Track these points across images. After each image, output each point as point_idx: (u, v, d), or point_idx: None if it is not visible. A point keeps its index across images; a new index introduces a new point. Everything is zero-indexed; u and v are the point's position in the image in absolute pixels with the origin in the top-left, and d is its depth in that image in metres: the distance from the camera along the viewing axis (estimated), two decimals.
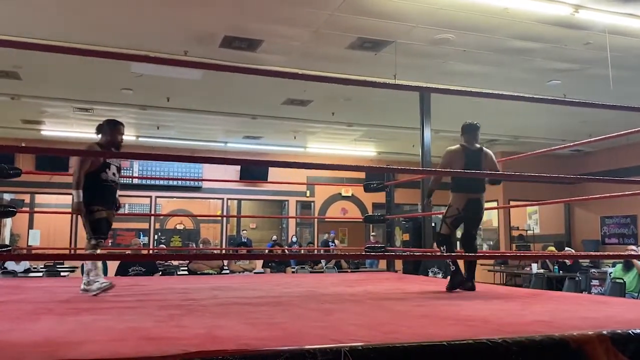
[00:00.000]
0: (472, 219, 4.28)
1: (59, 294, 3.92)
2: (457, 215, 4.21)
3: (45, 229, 12.65)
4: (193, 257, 8.12)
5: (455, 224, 4.28)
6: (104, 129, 4.04)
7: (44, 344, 1.95)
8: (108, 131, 4.02)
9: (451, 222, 4.25)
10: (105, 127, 4.04)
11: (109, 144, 3.98)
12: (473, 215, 4.23)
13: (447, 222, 4.25)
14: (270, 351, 1.74)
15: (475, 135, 4.35)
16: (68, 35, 6.28)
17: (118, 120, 4.15)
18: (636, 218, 11.99)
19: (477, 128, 4.40)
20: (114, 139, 4.00)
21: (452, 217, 4.23)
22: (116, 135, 4.01)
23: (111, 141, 3.99)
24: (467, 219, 4.27)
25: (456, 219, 4.24)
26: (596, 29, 6.20)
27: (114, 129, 4.02)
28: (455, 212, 4.21)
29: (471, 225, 4.34)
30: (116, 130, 4.02)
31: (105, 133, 4.02)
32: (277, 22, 6.15)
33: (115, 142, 4.00)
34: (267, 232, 15.37)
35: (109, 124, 4.06)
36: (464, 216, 4.20)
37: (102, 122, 4.11)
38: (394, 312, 2.97)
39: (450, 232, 4.29)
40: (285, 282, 5.16)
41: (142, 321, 2.55)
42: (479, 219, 4.33)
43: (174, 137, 11.99)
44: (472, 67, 7.51)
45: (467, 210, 4.18)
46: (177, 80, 8.05)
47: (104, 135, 4.03)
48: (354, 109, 9.77)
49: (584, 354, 2.04)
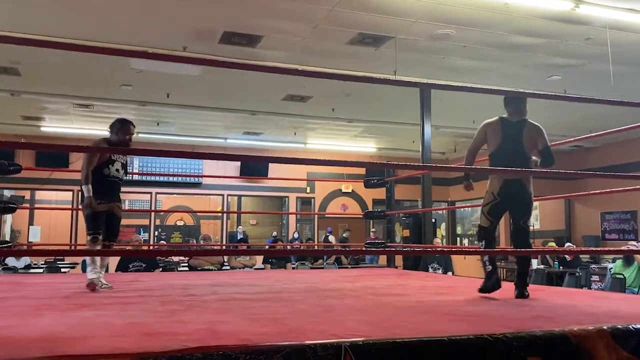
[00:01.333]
0: (515, 207, 3.53)
1: (60, 290, 3.93)
2: (494, 202, 3.52)
3: (46, 225, 12.66)
4: (193, 253, 8.13)
5: (495, 214, 3.56)
6: (114, 127, 4.14)
7: (47, 339, 1.95)
8: (117, 129, 4.11)
9: (488, 211, 3.56)
10: (116, 124, 4.14)
11: (118, 142, 4.08)
12: (514, 200, 3.50)
13: (484, 211, 3.59)
14: (271, 346, 1.75)
15: (519, 106, 3.62)
16: (67, 32, 6.27)
17: (128, 120, 4.25)
18: (636, 213, 11.98)
19: (522, 99, 3.69)
20: (121, 138, 4.08)
21: (488, 204, 3.56)
22: (124, 134, 4.10)
23: (119, 139, 4.08)
24: (509, 207, 3.54)
25: (493, 206, 3.53)
26: (597, 24, 6.19)
27: (121, 127, 4.11)
28: (491, 198, 3.54)
29: (517, 215, 3.55)
30: (124, 129, 4.11)
31: (115, 131, 4.12)
32: (277, 18, 6.14)
33: (123, 141, 4.09)
34: (268, 228, 15.38)
35: (119, 122, 4.17)
36: (502, 203, 3.50)
37: (115, 120, 4.22)
38: (395, 307, 2.98)
39: (490, 224, 3.57)
40: (286, 278, 5.17)
41: (143, 317, 2.56)
42: (525, 206, 3.53)
43: (174, 133, 11.98)
44: (473, 62, 7.50)
45: (504, 195, 3.48)
46: (177, 76, 8.04)
47: (113, 133, 4.13)
48: (354, 105, 9.76)
49: (585, 349, 2.04)
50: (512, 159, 3.42)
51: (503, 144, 3.51)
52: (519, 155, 3.48)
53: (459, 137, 12.55)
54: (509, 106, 3.65)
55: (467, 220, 15.51)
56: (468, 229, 15.43)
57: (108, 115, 10.43)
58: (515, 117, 3.59)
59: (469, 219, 15.41)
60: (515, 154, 3.48)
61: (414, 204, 14.09)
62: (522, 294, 3.36)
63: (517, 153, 3.48)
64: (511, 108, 3.63)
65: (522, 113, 3.60)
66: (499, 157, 3.50)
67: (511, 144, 3.50)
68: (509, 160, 3.40)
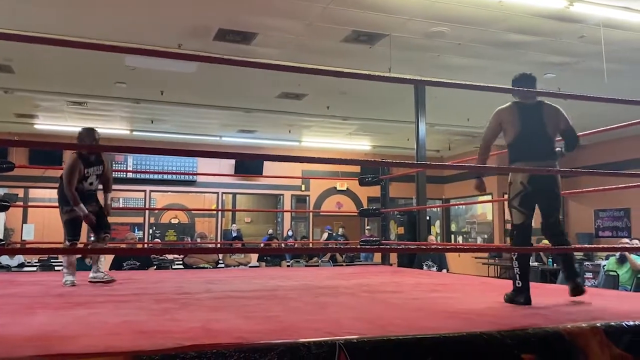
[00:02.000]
0: (544, 197, 3.15)
1: (53, 288, 3.91)
2: (524, 192, 3.10)
3: (40, 224, 12.59)
4: (188, 251, 8.11)
5: (527, 205, 3.12)
6: (81, 139, 4.27)
7: (40, 338, 1.95)
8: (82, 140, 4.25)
9: (520, 204, 3.12)
10: (82, 137, 4.26)
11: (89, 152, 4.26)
12: (544, 190, 3.11)
13: (513, 205, 3.15)
14: (265, 344, 1.75)
15: (532, 88, 3.32)
16: (61, 28, 6.23)
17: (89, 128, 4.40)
18: (629, 211, 12.04)
19: (533, 79, 3.34)
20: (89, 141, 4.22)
21: (517, 196, 3.13)
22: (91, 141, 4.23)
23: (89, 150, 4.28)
24: (539, 198, 3.15)
25: (524, 197, 3.11)
26: (591, 22, 6.20)
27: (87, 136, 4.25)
28: (520, 188, 3.11)
29: (547, 207, 3.19)
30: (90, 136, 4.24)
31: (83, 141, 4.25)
32: (272, 15, 6.13)
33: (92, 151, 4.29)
34: (262, 226, 15.36)
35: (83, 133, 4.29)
36: (531, 193, 3.10)
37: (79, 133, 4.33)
38: (389, 305, 2.98)
39: (524, 218, 3.12)
40: (281, 276, 5.17)
41: (137, 315, 2.55)
42: (556, 198, 3.18)
43: (169, 131, 11.95)
44: (467, 60, 7.51)
45: (534, 185, 3.08)
46: (171, 73, 8.01)
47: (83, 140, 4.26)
48: (349, 103, 9.76)
49: (578, 346, 2.05)
50: (537, 145, 3.10)
51: (523, 130, 3.13)
52: (543, 141, 3.13)
53: (454, 135, 12.57)
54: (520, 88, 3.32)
55: (462, 217, 15.56)
56: (462, 226, 15.47)
57: (102, 112, 10.41)
58: (529, 100, 3.26)
59: (463, 216, 15.46)
60: (540, 140, 3.12)
61: (408, 201, 14.11)
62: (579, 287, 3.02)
63: (541, 138, 3.13)
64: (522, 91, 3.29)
65: (535, 97, 3.30)
66: (521, 145, 3.14)
67: (532, 130, 3.13)
68: (534, 147, 3.10)
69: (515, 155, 3.18)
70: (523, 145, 3.14)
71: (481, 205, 14.48)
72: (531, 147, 3.10)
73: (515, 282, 3.02)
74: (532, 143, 3.12)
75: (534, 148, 3.10)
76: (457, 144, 13.63)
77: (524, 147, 3.13)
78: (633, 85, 8.14)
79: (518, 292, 2.99)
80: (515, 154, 3.18)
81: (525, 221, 3.12)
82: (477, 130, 12.13)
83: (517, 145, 3.17)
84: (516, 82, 3.32)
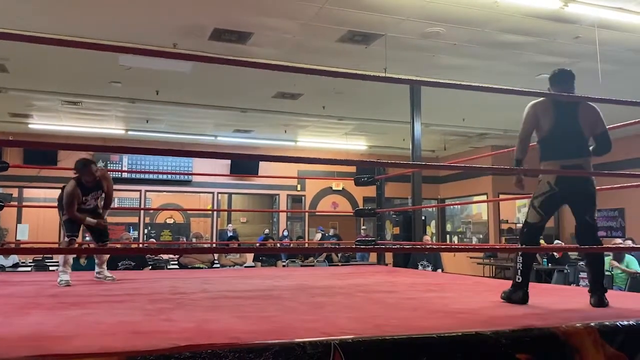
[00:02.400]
0: (577, 199, 2.98)
1: (47, 288, 3.90)
2: (550, 193, 2.96)
3: (34, 223, 12.55)
4: (183, 251, 8.10)
5: (548, 207, 3.00)
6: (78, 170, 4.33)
7: (33, 338, 1.94)
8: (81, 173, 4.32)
9: (540, 205, 2.99)
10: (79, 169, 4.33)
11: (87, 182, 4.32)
12: (576, 192, 2.95)
13: (534, 204, 3.01)
14: (261, 344, 1.74)
15: (569, 84, 3.15)
16: (56, 28, 6.21)
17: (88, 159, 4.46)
18: (624, 211, 12.10)
19: (572, 76, 3.17)
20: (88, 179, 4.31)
21: (541, 196, 2.99)
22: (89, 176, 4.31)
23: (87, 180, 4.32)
24: (570, 200, 3.00)
25: (548, 198, 2.97)
26: (585, 23, 6.23)
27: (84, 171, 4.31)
28: (546, 188, 2.96)
29: (581, 209, 2.99)
30: (87, 172, 4.31)
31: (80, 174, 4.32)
32: (267, 15, 6.12)
33: (91, 181, 4.34)
34: (258, 226, 15.35)
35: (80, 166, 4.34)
36: (560, 194, 2.95)
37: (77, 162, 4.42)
38: (384, 304, 2.98)
39: (539, 219, 3.01)
40: (276, 276, 5.17)
41: (131, 315, 2.55)
42: (590, 198, 2.97)
43: (164, 130, 11.93)
44: (462, 60, 7.52)
45: (563, 185, 2.92)
46: (167, 73, 8.00)
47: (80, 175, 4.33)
48: (344, 103, 9.76)
49: (573, 345, 2.06)
50: (570, 143, 2.95)
51: (556, 126, 2.98)
52: (577, 139, 2.98)
53: (449, 135, 12.60)
54: (557, 85, 3.16)
55: (457, 217, 15.59)
56: (457, 226, 15.50)
57: (97, 112, 10.38)
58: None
59: (459, 216, 15.49)
60: (573, 137, 2.97)
61: (404, 201, 14.13)
62: (601, 301, 2.79)
63: (574, 136, 2.98)
64: (560, 87, 3.13)
65: (573, 93, 3.16)
66: (553, 141, 2.99)
67: (566, 126, 2.98)
68: (566, 144, 2.95)
69: (546, 151, 3.03)
70: (555, 142, 2.99)
71: (476, 206, 14.51)
72: (563, 143, 2.96)
73: (516, 278, 2.97)
74: (565, 139, 2.97)
75: (566, 145, 2.96)
76: (453, 144, 13.65)
77: (556, 144, 2.99)
78: (627, 86, 8.18)
79: (516, 289, 2.94)
80: (546, 151, 3.03)
81: (538, 222, 3.02)
82: (472, 131, 12.17)
83: (549, 141, 3.02)
84: (554, 77, 3.19)
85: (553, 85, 3.17)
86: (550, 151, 3.01)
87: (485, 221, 14.25)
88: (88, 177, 4.33)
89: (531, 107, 3.12)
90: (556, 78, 3.17)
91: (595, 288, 2.87)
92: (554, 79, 3.17)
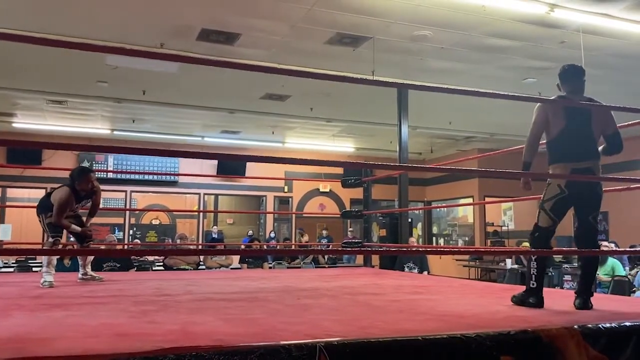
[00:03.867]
0: (585, 201, 2.98)
1: (30, 289, 3.85)
2: (560, 196, 2.93)
3: (17, 224, 12.39)
4: (168, 253, 8.04)
5: (559, 210, 2.97)
6: (74, 177, 4.32)
7: (15, 340, 1.91)
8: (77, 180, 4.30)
9: (551, 208, 2.96)
10: (75, 176, 4.33)
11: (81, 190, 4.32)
12: (585, 193, 2.94)
13: (544, 208, 2.98)
14: (245, 347, 1.74)
15: (581, 83, 3.06)
16: (41, 26, 6.14)
17: (86, 168, 4.56)
18: (607, 215, 12.23)
19: (583, 72, 3.08)
20: (84, 187, 4.31)
21: (552, 199, 2.95)
22: (86, 184, 4.32)
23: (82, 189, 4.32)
24: (577, 202, 2.98)
25: (559, 201, 2.94)
26: (571, 28, 6.30)
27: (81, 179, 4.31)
28: (557, 191, 2.93)
29: (586, 210, 3.00)
30: (84, 179, 4.31)
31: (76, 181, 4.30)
32: (255, 16, 6.11)
33: (87, 189, 4.34)
34: (245, 227, 15.31)
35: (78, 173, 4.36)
36: (570, 197, 2.93)
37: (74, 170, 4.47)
38: (370, 307, 2.98)
39: (551, 223, 2.98)
40: (262, 278, 5.15)
41: (115, 317, 2.52)
42: (597, 200, 2.99)
43: (150, 131, 11.85)
44: (450, 64, 7.57)
45: (573, 188, 2.91)
46: (153, 73, 7.95)
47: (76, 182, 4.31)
48: (332, 105, 9.77)
49: (556, 347, 2.08)
50: (580, 145, 2.91)
51: (567, 127, 2.91)
52: (587, 141, 2.93)
53: (436, 137, 12.67)
54: (568, 83, 3.07)
55: (443, 220, 15.67)
56: (444, 228, 15.59)
57: (82, 112, 10.28)
58: (577, 96, 3.03)
59: (445, 219, 15.57)
60: (584, 139, 2.93)
61: (390, 203, 14.17)
62: (585, 304, 2.80)
63: (585, 138, 2.94)
64: (571, 86, 3.06)
65: (583, 91, 3.05)
66: (564, 143, 2.94)
67: (577, 128, 2.92)
68: (577, 147, 2.91)
69: (555, 154, 2.98)
70: (565, 144, 2.94)
71: (462, 208, 14.59)
72: (573, 146, 2.92)
73: (530, 283, 2.93)
74: (575, 141, 2.92)
75: (577, 147, 2.92)
76: (439, 147, 13.73)
77: (567, 146, 2.94)
78: (612, 91, 8.27)
79: (531, 293, 2.91)
80: (556, 151, 2.98)
81: (550, 226, 2.98)
82: (459, 134, 12.24)
83: (559, 142, 2.96)
84: (565, 73, 3.09)
85: (564, 82, 3.09)
86: (560, 154, 2.97)
87: (471, 224, 14.34)
88: (84, 186, 4.31)
89: (542, 107, 3.05)
90: (567, 74, 3.08)
91: (582, 290, 2.89)
92: (564, 75, 3.09)
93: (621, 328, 2.27)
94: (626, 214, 11.48)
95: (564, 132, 2.95)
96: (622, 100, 6.15)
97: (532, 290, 2.93)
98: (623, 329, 2.27)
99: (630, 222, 11.45)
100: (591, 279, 2.97)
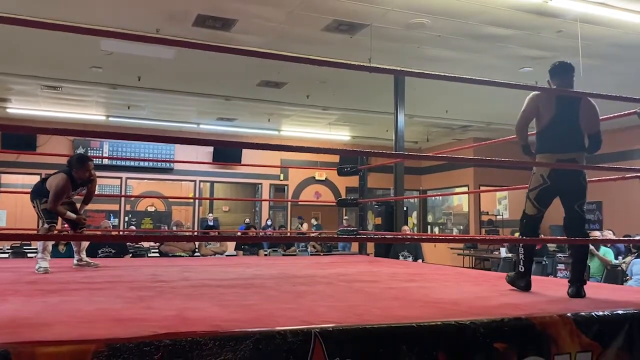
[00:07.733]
0: (568, 190, 3.05)
1: (25, 275, 3.85)
2: (543, 186, 3.04)
3: (12, 209, 12.36)
4: (163, 239, 8.05)
5: (544, 200, 3.09)
6: (72, 164, 4.30)
7: (10, 325, 1.91)
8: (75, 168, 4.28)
9: (536, 197, 3.08)
10: (74, 163, 4.31)
11: (79, 178, 4.30)
12: (568, 183, 3.01)
13: (530, 197, 3.11)
14: (241, 332, 1.74)
15: (570, 79, 3.14)
16: (36, 10, 6.09)
17: (85, 156, 4.49)
18: (601, 204, 12.30)
19: (572, 68, 3.16)
20: (81, 175, 4.30)
21: (536, 189, 3.07)
22: (84, 172, 4.30)
23: (79, 177, 4.30)
24: (561, 192, 3.07)
25: (543, 191, 3.05)
26: (568, 17, 6.29)
27: (80, 166, 4.29)
28: (540, 181, 3.04)
29: (571, 199, 3.06)
30: (83, 167, 4.30)
31: (74, 169, 4.28)
32: (252, 2, 6.07)
33: (84, 177, 4.33)
34: (240, 215, 15.32)
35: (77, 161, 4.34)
36: (552, 187, 3.03)
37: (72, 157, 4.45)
38: (365, 294, 3.00)
39: (536, 212, 3.11)
40: (258, 265, 5.16)
41: (111, 303, 2.53)
42: (581, 189, 3.04)
43: (146, 117, 11.79)
44: (446, 52, 7.55)
45: (556, 178, 3.00)
46: (149, 59, 7.90)
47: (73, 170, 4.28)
48: (329, 93, 9.75)
49: (549, 335, 2.10)
50: (567, 136, 3.00)
51: (556, 118, 3.00)
52: (574, 132, 3.02)
53: (432, 126, 12.66)
54: (557, 77, 3.15)
55: (438, 208, 15.72)
56: (439, 217, 15.64)
57: (77, 97, 10.22)
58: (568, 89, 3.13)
59: (440, 207, 15.62)
60: (571, 131, 3.01)
61: (386, 192, 14.20)
62: (579, 292, 2.85)
63: (572, 130, 3.02)
64: (560, 80, 3.13)
65: (572, 87, 3.15)
66: (551, 134, 3.02)
67: (566, 119, 3.01)
68: (564, 138, 2.99)
69: (541, 144, 3.07)
70: (553, 134, 3.02)
71: (457, 197, 14.63)
72: (561, 136, 3.00)
73: (519, 267, 3.08)
74: (563, 133, 3.00)
75: (563, 138, 3.00)
76: (435, 136, 13.73)
77: (554, 136, 3.01)
78: (609, 80, 8.28)
79: (520, 276, 3.08)
80: (543, 143, 3.06)
81: (535, 214, 3.12)
82: (455, 123, 12.24)
83: (547, 133, 3.04)
84: (554, 69, 3.18)
85: (553, 78, 3.18)
86: (547, 144, 3.05)
87: (466, 212, 14.39)
88: (82, 174, 4.29)
89: (534, 97, 3.13)
90: (556, 70, 3.17)
91: (575, 278, 2.93)
92: (554, 72, 3.18)
93: (613, 316, 2.29)
94: (620, 203, 11.54)
95: (552, 123, 3.03)
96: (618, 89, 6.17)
97: (520, 273, 3.08)
98: (615, 317, 2.29)
99: (624, 211, 11.51)
100: (582, 267, 3.02)
